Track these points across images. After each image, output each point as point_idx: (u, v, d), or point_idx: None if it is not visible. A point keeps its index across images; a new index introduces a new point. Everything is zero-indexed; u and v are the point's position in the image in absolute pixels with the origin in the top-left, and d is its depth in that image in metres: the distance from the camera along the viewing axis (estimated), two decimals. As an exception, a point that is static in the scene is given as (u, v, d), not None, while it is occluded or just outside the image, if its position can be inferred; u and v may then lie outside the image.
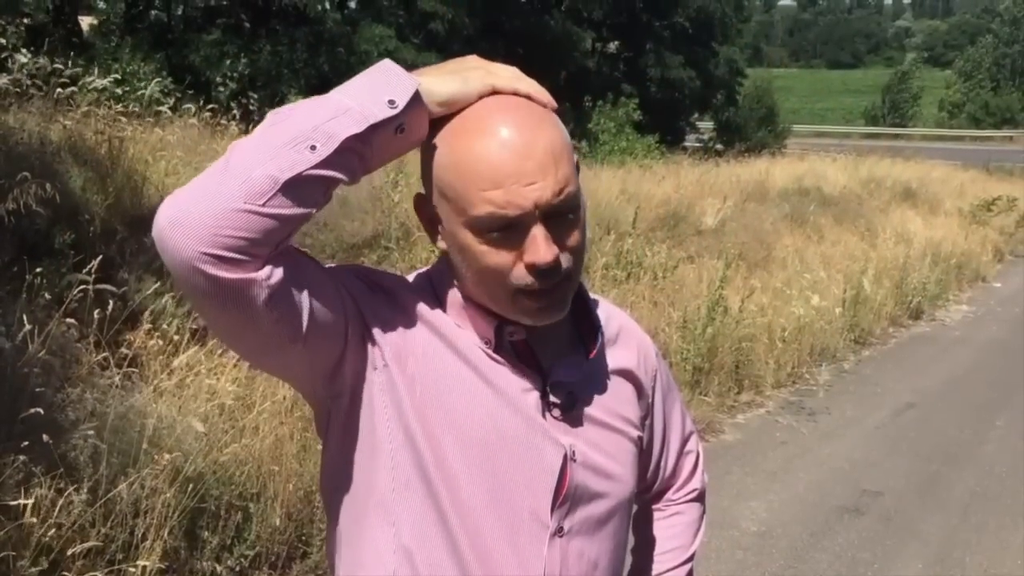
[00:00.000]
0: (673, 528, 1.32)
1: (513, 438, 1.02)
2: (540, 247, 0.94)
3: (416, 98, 0.91)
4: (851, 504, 4.55)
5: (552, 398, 1.05)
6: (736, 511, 4.36)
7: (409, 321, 1.03)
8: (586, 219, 1.03)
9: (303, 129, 0.87)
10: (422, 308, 1.04)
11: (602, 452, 1.09)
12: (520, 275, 0.96)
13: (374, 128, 0.89)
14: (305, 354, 0.96)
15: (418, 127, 0.94)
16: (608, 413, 1.11)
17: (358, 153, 0.90)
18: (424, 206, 1.03)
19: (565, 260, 0.97)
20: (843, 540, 4.16)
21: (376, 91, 0.91)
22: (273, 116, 0.91)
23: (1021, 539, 4.24)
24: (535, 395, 1.05)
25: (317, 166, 0.87)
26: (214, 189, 0.86)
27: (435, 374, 1.02)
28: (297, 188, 0.86)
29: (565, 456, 1.04)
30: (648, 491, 1.30)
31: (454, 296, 1.05)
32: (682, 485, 1.33)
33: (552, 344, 1.08)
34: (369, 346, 1.01)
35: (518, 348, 1.05)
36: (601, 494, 1.08)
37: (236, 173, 0.86)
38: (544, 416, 1.05)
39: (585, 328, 1.11)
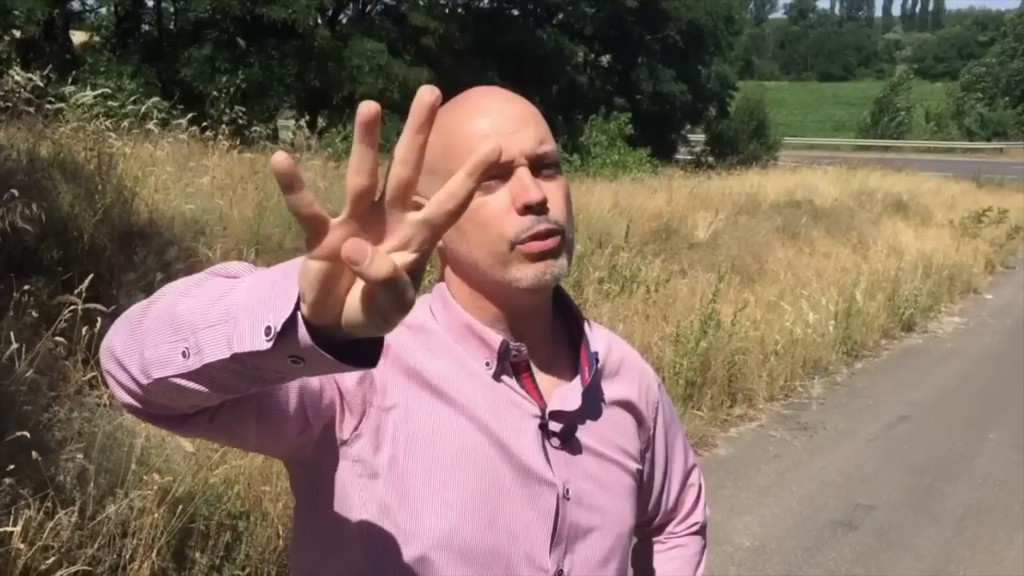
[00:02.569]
0: (675, 561, 1.30)
1: (509, 484, 1.00)
2: (529, 186, 0.97)
3: (286, 333, 0.65)
4: (845, 518, 4.53)
5: (551, 427, 1.04)
6: (729, 526, 4.35)
7: (406, 355, 1.01)
8: (571, 199, 1.06)
9: (190, 321, 0.73)
10: (420, 338, 1.03)
11: (598, 484, 1.07)
12: (514, 222, 0.98)
13: (252, 354, 0.67)
14: (296, 440, 0.94)
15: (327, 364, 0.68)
16: (606, 444, 1.09)
17: (239, 374, 0.71)
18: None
19: (556, 211, 1.00)
20: (837, 555, 4.14)
21: (265, 305, 0.67)
22: (203, 276, 0.79)
23: (1015, 553, 4.24)
24: (534, 424, 1.03)
25: (183, 376, 0.73)
26: (125, 346, 0.78)
27: (428, 416, 0.99)
28: (170, 386, 0.75)
29: (558, 496, 1.03)
30: (649, 524, 1.29)
31: (455, 316, 1.04)
32: (684, 518, 1.31)
33: (552, 371, 1.07)
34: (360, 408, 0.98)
35: (519, 372, 1.04)
36: (596, 528, 1.06)
37: (135, 344, 0.77)
38: (543, 446, 1.03)
39: (584, 356, 1.09)
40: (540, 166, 1.00)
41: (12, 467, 2.57)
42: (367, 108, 0.60)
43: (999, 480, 5.14)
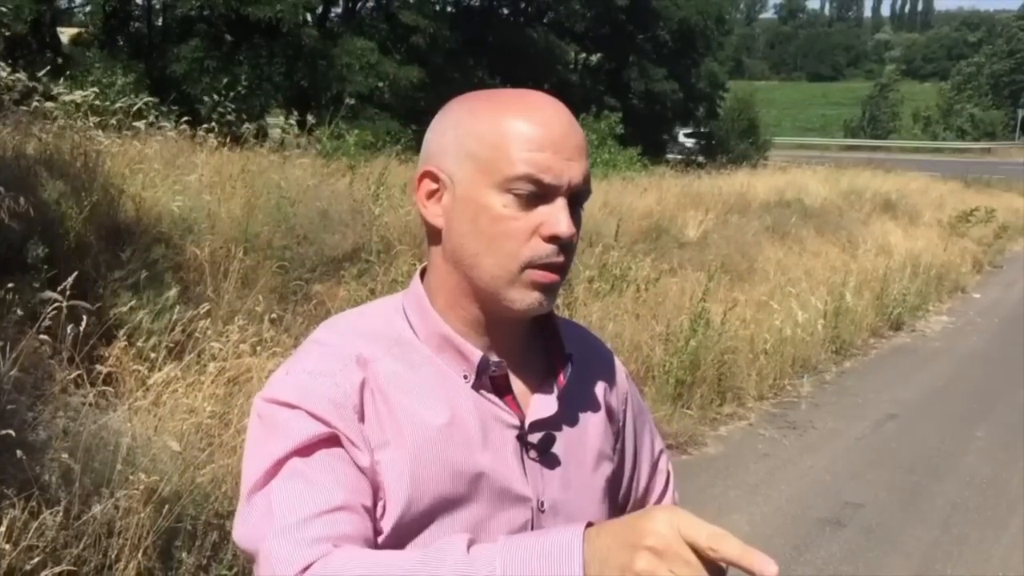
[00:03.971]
0: None
1: (487, 511, 0.99)
2: (563, 220, 0.96)
3: None
4: (833, 517, 4.54)
5: (530, 439, 1.02)
6: (718, 524, 4.32)
7: (390, 391, 0.98)
8: None
9: None
10: (396, 352, 1.01)
11: (574, 491, 1.06)
12: (535, 246, 0.96)
13: None
14: None
15: None
16: (583, 449, 1.08)
17: None
18: (430, 177, 1.00)
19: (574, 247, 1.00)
20: (825, 553, 4.15)
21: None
22: None
23: (1002, 551, 4.26)
24: (513, 435, 1.02)
25: None
26: None
27: (404, 466, 0.96)
28: None
29: (532, 510, 1.02)
30: (620, 513, 1.28)
31: (434, 326, 1.02)
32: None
33: (527, 375, 1.06)
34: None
35: (497, 384, 1.02)
36: None
37: None
38: (521, 458, 1.02)
39: (556, 356, 1.08)
40: (577, 201, 0.99)
41: (-4, 466, 2.55)
42: None
43: (986, 478, 5.16)
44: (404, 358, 1.01)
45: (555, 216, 0.96)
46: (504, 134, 0.96)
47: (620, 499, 1.24)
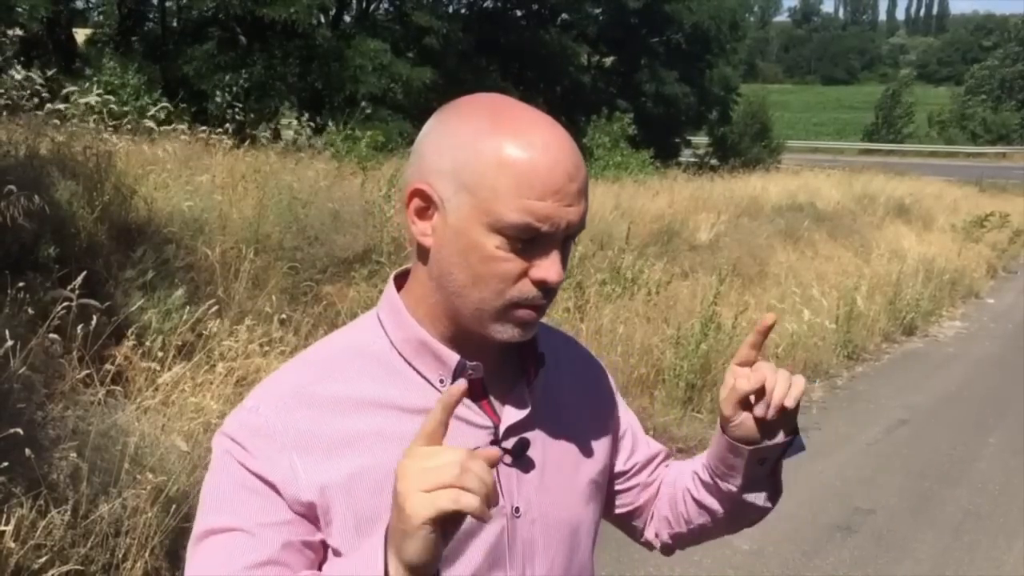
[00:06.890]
0: (679, 466, 1.29)
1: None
2: (555, 266, 0.95)
3: None
4: (843, 522, 4.51)
5: (504, 444, 1.01)
6: (728, 529, 4.33)
7: (320, 426, 0.98)
8: None
9: None
10: (356, 366, 1.00)
11: (553, 494, 1.05)
12: (524, 288, 0.95)
13: None
14: None
15: None
16: (561, 450, 1.07)
17: None
18: (421, 196, 0.97)
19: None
20: (835, 559, 4.12)
21: None
22: None
23: (1013, 558, 4.22)
24: (486, 441, 1.00)
25: None
26: None
27: (367, 494, 0.96)
28: None
29: (507, 516, 1.00)
30: (621, 518, 1.28)
31: (410, 332, 1.00)
32: (664, 458, 1.32)
33: (504, 380, 1.05)
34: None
35: (473, 388, 1.00)
36: (554, 539, 1.04)
37: None
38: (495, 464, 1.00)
39: (531, 360, 1.06)
40: (569, 237, 0.97)
41: (5, 465, 2.56)
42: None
43: (999, 485, 5.12)
44: (362, 369, 1.00)
45: (547, 263, 0.94)
46: (506, 175, 0.91)
47: (625, 508, 1.25)
